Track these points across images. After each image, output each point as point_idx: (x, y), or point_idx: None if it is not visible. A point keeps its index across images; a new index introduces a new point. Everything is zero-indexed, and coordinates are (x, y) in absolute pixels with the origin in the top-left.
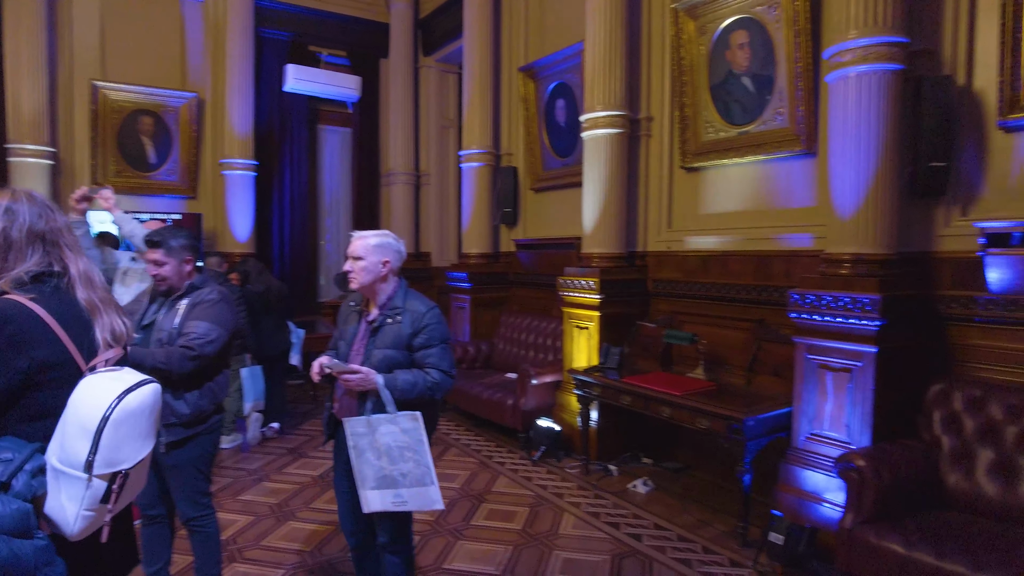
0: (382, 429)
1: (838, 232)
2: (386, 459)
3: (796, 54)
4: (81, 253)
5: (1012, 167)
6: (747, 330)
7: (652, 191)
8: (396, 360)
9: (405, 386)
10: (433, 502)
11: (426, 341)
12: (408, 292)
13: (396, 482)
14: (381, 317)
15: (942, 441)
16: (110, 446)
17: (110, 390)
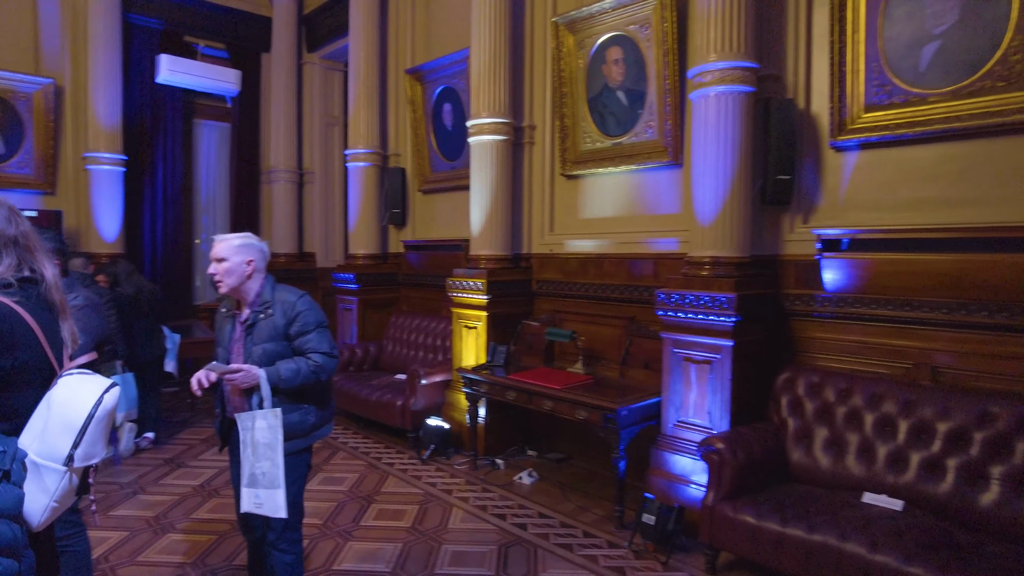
0: (259, 424)
1: (700, 237)
2: (254, 455)
3: (665, 72)
4: (50, 257)
5: (841, 182)
6: (621, 327)
7: (535, 196)
8: (276, 352)
9: (288, 375)
10: (279, 508)
11: (301, 328)
12: (275, 285)
13: (257, 481)
14: (253, 315)
15: (788, 423)
16: (89, 441)
17: (92, 390)
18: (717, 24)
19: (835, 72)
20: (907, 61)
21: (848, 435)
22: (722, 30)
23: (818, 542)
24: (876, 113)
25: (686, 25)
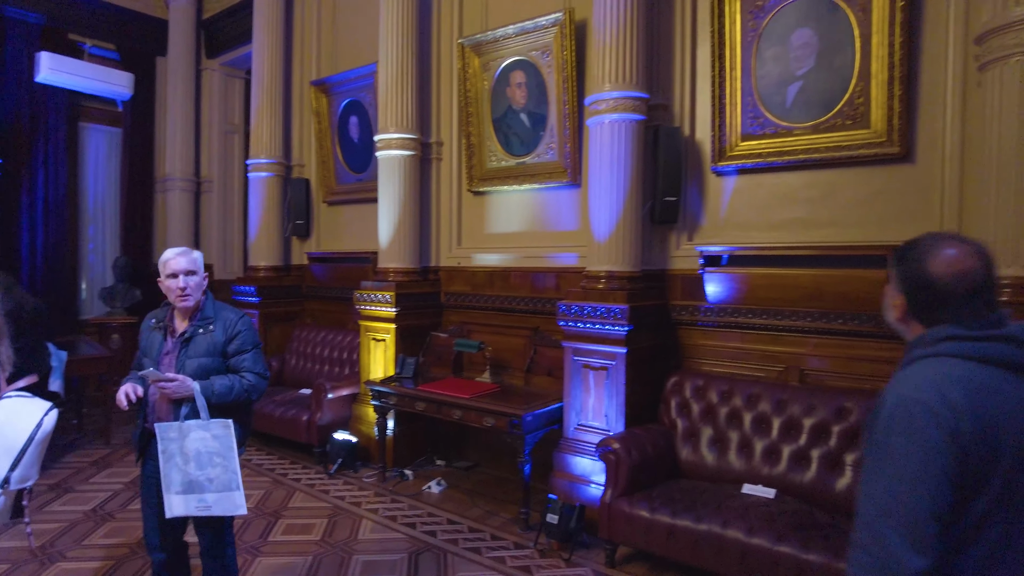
0: (193, 435)
1: (596, 252)
2: (194, 464)
3: (564, 97)
4: None
5: (721, 203)
6: (526, 337)
7: (444, 211)
8: (211, 367)
9: (222, 390)
10: (237, 507)
11: (240, 346)
12: (216, 302)
13: (202, 487)
14: (192, 328)
15: (677, 423)
16: (27, 463)
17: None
18: (612, 56)
19: (716, 104)
20: (776, 97)
21: (730, 433)
22: (616, 62)
23: (704, 531)
24: (751, 142)
25: (584, 54)
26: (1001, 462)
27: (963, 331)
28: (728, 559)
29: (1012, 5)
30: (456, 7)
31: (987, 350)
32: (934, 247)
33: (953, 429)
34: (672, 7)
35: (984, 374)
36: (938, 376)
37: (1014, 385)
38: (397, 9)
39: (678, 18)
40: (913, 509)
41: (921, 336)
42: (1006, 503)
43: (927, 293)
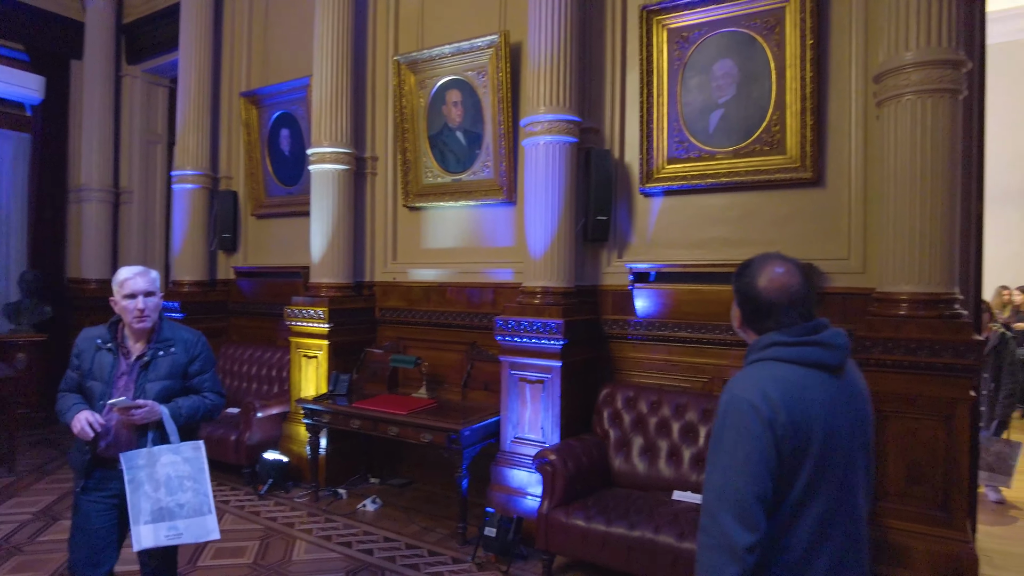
0: (163, 460)
1: (532, 269)
2: (164, 490)
3: (500, 117)
4: None
5: (649, 222)
6: (462, 351)
7: (378, 226)
8: (174, 389)
9: (190, 412)
10: (209, 532)
11: (201, 367)
12: (172, 323)
13: (173, 513)
14: (152, 350)
15: (609, 433)
16: None
17: None
18: (546, 80)
19: (644, 129)
20: (700, 123)
21: (659, 442)
22: (551, 86)
23: (637, 537)
24: (677, 165)
25: (519, 75)
26: (812, 448)
27: (784, 338)
28: (660, 564)
29: (903, 50)
30: (392, 25)
31: (802, 354)
32: (762, 266)
33: (771, 421)
34: (603, 35)
35: (800, 374)
36: (762, 377)
37: (825, 382)
38: (332, 24)
39: (608, 45)
40: (741, 493)
41: (754, 342)
42: (824, 484)
43: (756, 305)
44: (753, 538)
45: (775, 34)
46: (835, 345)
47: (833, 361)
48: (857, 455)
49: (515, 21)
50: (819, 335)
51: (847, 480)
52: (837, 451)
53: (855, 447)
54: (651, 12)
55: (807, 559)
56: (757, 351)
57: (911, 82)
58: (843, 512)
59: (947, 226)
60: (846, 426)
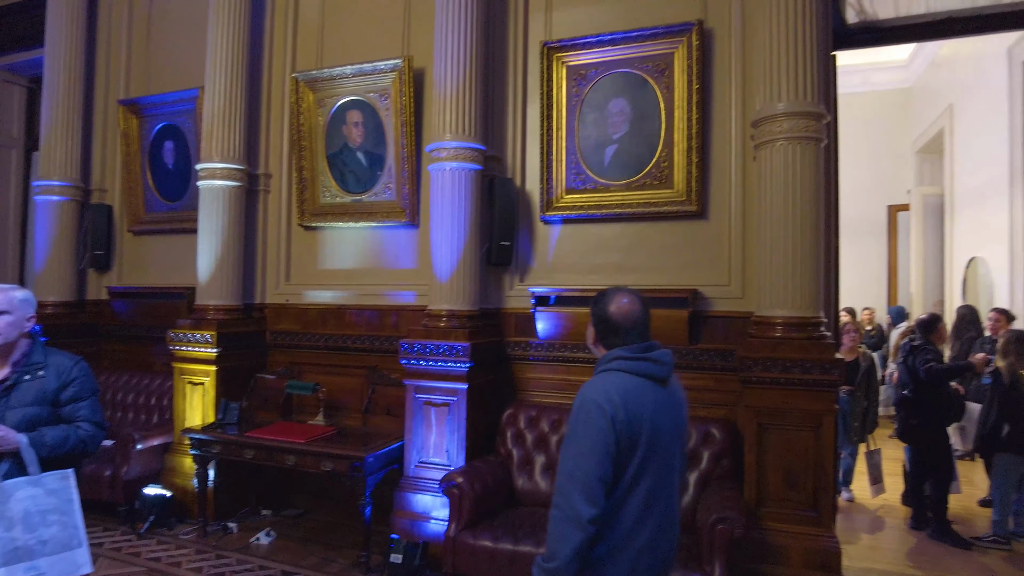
0: (19, 494)
1: (438, 292)
2: (21, 527)
3: (403, 140)
4: None
5: (549, 248)
6: (362, 376)
7: (271, 245)
8: (40, 418)
9: (55, 442)
10: (80, 566)
11: (76, 394)
12: (46, 347)
13: (33, 552)
14: (17, 374)
15: (513, 453)
16: None
17: None
18: (451, 108)
19: (544, 160)
20: (596, 157)
21: None
22: (456, 114)
23: None
24: (575, 195)
25: (423, 100)
26: (642, 440)
27: (626, 353)
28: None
29: (776, 101)
30: (290, 41)
31: (638, 367)
32: (613, 296)
33: (612, 418)
34: (506, 67)
35: (636, 382)
36: (607, 383)
37: (654, 390)
38: (227, 36)
39: (511, 78)
40: (587, 474)
41: (603, 356)
42: (648, 470)
43: (608, 326)
44: (595, 511)
45: (665, 77)
46: (663, 362)
47: (661, 374)
48: (675, 448)
49: (418, 47)
50: (652, 353)
51: (666, 467)
52: (660, 444)
53: (674, 441)
54: (552, 49)
55: (634, 530)
56: (605, 363)
57: (783, 129)
58: (662, 493)
59: (813, 257)
60: (668, 424)
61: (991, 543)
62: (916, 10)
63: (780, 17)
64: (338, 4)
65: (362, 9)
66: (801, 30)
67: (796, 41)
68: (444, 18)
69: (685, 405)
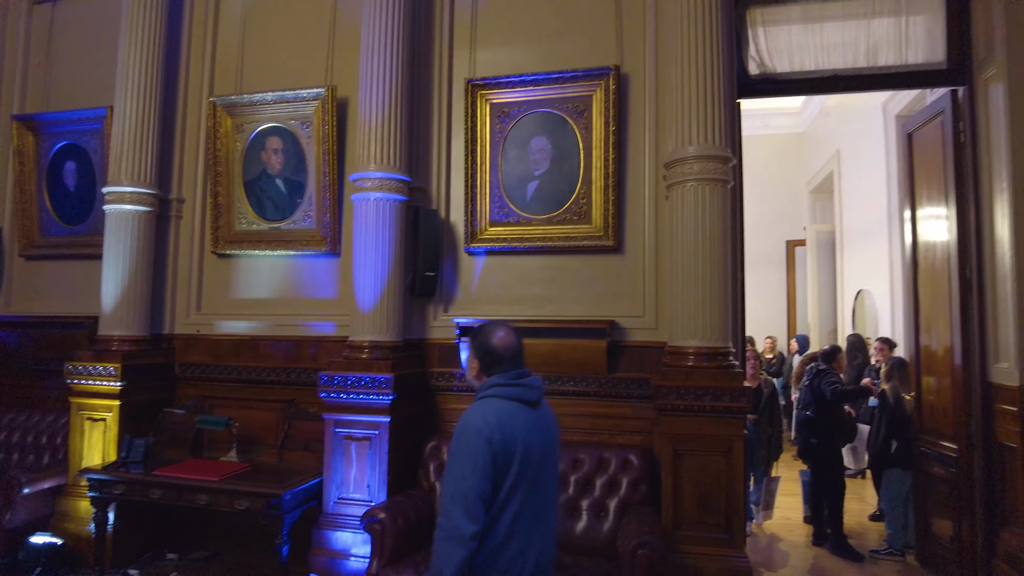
0: None
1: (360, 322)
2: None
3: (325, 169)
4: None
5: (473, 279)
6: (278, 410)
7: (182, 273)
8: None
9: None
10: None
11: None
12: None
13: None
14: None
15: (436, 486)
16: None
17: None
18: (376, 139)
19: (468, 193)
20: (519, 192)
21: None
22: (381, 145)
23: None
24: (498, 228)
25: (346, 130)
26: (516, 459)
27: (501, 380)
28: None
29: (686, 144)
30: (208, 64)
31: (512, 392)
32: (492, 329)
33: (489, 439)
34: (431, 101)
35: (510, 407)
36: (486, 409)
37: (527, 413)
38: (140, 55)
39: (436, 111)
40: (468, 494)
41: (482, 384)
42: (520, 487)
43: (491, 357)
44: (477, 527)
45: (584, 118)
46: (534, 387)
47: (532, 398)
48: (546, 466)
49: (343, 76)
50: (524, 380)
51: (537, 484)
52: (531, 463)
53: (545, 461)
54: (476, 87)
55: (505, 542)
56: (484, 391)
57: (693, 171)
58: (532, 508)
59: (721, 291)
60: (538, 445)
61: (887, 555)
62: (808, 67)
63: (690, 67)
64: (259, 30)
65: (285, 36)
66: (709, 79)
67: (705, 89)
68: (369, 49)
69: (555, 425)
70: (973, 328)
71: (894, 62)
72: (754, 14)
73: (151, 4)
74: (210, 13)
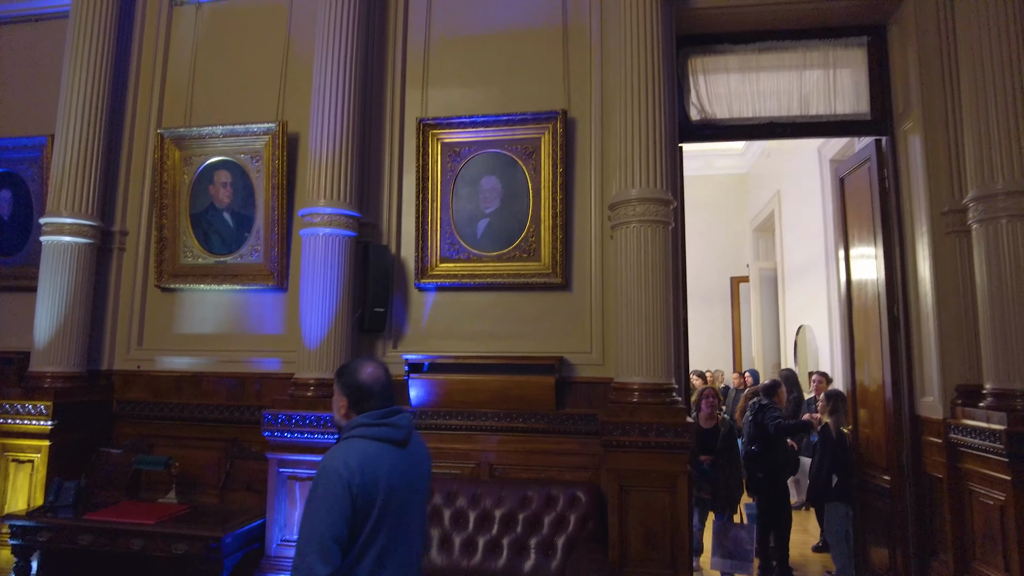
0: None
1: (306, 359)
2: None
3: (274, 203)
4: None
5: (423, 315)
6: (221, 449)
7: (123, 307)
8: None
9: None
10: None
11: None
12: None
13: None
14: None
15: None
16: None
17: None
18: (327, 174)
19: (419, 229)
20: (469, 229)
21: (431, 530)
22: (331, 180)
23: None
24: (449, 264)
25: (296, 165)
26: (378, 501)
27: (367, 420)
28: None
29: (629, 187)
30: (156, 96)
31: (378, 432)
32: (360, 366)
33: (349, 483)
34: (382, 138)
35: (375, 447)
36: (348, 450)
37: (393, 453)
38: (85, 84)
39: (387, 148)
40: (323, 536)
41: (347, 424)
42: (384, 526)
43: (359, 394)
44: (329, 570)
45: (533, 159)
46: (401, 426)
47: (399, 437)
48: (412, 504)
49: (294, 112)
50: (391, 419)
51: (402, 523)
52: (394, 503)
53: (410, 499)
54: (427, 126)
55: None
56: (348, 431)
57: (636, 213)
58: (398, 546)
59: (664, 328)
60: (404, 484)
61: None
62: (745, 114)
63: (633, 113)
64: (211, 61)
65: (237, 69)
66: (651, 125)
67: (647, 134)
68: (321, 85)
69: (427, 461)
70: (901, 363)
71: (824, 112)
72: (695, 62)
73: (98, 31)
74: (161, 42)
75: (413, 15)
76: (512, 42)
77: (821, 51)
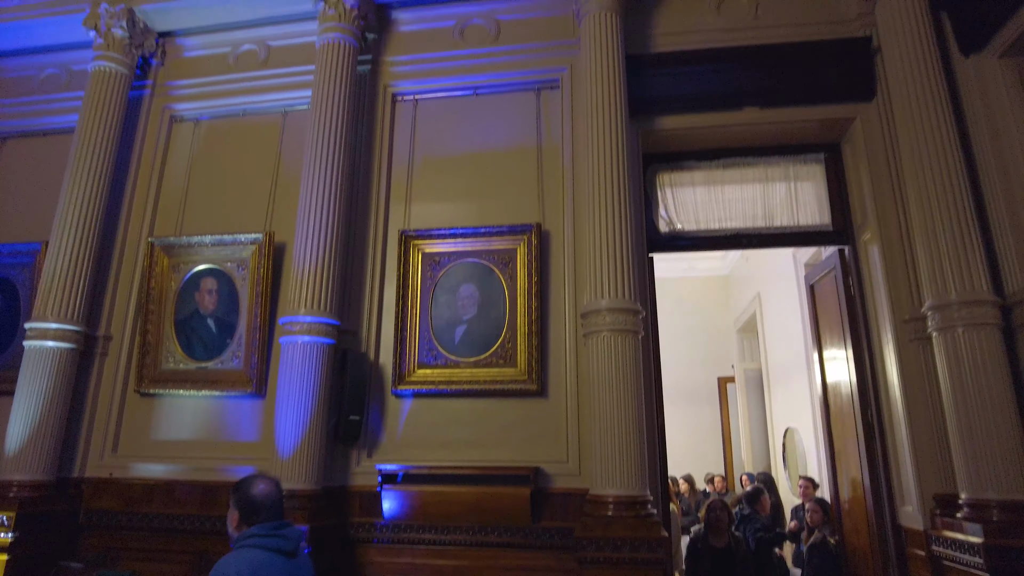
0: None
1: (278, 469)
2: None
3: (257, 310)
4: None
5: (399, 422)
6: (188, 563)
7: (100, 412)
8: None
9: None
10: None
11: None
12: None
13: None
14: None
15: None
16: None
17: None
18: (309, 284)
19: (398, 336)
20: (447, 335)
21: None
22: (313, 290)
23: None
24: (427, 370)
25: (281, 272)
26: None
27: (259, 531)
28: None
29: (600, 298)
30: (151, 206)
31: (269, 543)
32: (254, 482)
33: None
34: (365, 250)
35: (266, 556)
36: (239, 558)
37: (282, 562)
38: (82, 195)
39: (370, 259)
40: None
41: (239, 535)
42: None
43: (251, 508)
44: None
45: (509, 269)
46: (291, 537)
47: (288, 548)
48: None
49: (281, 221)
50: (282, 531)
51: None
52: None
53: None
54: (409, 237)
55: None
56: (241, 540)
57: (606, 322)
58: None
59: (637, 438)
60: None
61: None
62: (712, 226)
63: (602, 226)
64: (205, 175)
65: (229, 182)
66: (619, 238)
67: (615, 247)
68: (308, 199)
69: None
70: (879, 470)
71: (788, 223)
72: (662, 177)
73: (100, 145)
74: (159, 155)
75: (398, 137)
76: (491, 160)
77: (782, 166)
